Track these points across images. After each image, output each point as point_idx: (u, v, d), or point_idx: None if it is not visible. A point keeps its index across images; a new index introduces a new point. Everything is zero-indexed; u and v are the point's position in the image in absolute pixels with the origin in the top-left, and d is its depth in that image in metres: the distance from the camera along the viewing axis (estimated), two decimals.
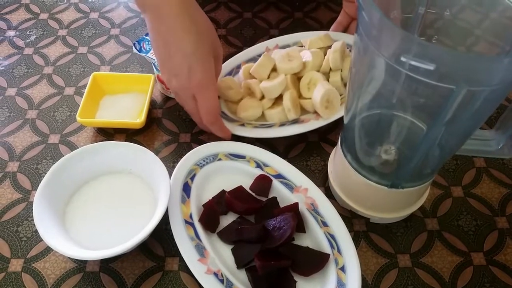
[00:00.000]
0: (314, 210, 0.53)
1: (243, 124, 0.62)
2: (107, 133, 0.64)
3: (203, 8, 0.80)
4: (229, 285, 0.48)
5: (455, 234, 0.55)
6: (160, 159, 0.53)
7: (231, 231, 0.52)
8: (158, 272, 0.52)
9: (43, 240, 0.47)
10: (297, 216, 0.52)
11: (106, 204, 0.53)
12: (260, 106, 0.62)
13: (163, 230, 0.54)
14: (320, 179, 0.60)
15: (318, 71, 0.63)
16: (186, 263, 0.49)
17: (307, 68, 0.63)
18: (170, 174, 0.53)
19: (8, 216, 0.56)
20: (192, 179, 0.56)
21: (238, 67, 0.68)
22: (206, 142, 0.59)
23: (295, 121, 0.61)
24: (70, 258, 0.52)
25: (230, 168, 0.57)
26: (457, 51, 0.46)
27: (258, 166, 0.57)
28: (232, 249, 0.52)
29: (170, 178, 0.52)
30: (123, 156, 0.55)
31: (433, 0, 0.45)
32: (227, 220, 0.54)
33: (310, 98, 0.61)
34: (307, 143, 0.63)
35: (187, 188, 0.55)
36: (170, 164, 0.60)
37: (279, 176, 0.56)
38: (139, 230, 0.48)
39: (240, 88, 0.64)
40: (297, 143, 0.63)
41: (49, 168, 0.52)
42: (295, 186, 0.56)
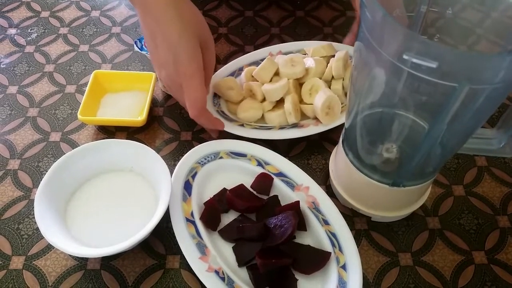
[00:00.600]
0: (315, 209, 0.53)
1: (243, 125, 0.62)
2: (108, 131, 0.64)
3: (204, 7, 0.80)
4: (230, 283, 0.48)
5: (457, 233, 0.55)
6: (161, 157, 0.53)
7: (232, 229, 0.52)
8: (159, 270, 0.52)
9: (44, 237, 0.47)
10: (298, 214, 0.52)
11: (107, 202, 0.53)
12: (260, 108, 0.62)
13: (164, 228, 0.54)
14: (322, 177, 0.60)
15: (320, 79, 0.63)
16: (187, 261, 0.49)
17: (309, 75, 0.63)
18: (171, 172, 0.53)
19: (9, 213, 0.56)
20: (193, 177, 0.56)
21: (240, 69, 0.68)
22: (208, 141, 0.59)
23: (295, 125, 0.61)
24: (71, 255, 0.52)
25: (231, 166, 0.57)
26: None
27: (259, 164, 0.57)
28: (233, 247, 0.52)
29: (171, 176, 0.52)
30: (124, 154, 0.55)
31: None
32: (228, 218, 0.54)
33: (311, 104, 0.61)
34: (308, 141, 0.63)
35: (188, 186, 0.55)
36: (171, 162, 0.60)
37: (280, 174, 0.56)
38: (140, 228, 0.48)
39: (242, 89, 0.64)
40: (298, 142, 0.63)
41: (50, 166, 0.52)
42: (296, 185, 0.56)
